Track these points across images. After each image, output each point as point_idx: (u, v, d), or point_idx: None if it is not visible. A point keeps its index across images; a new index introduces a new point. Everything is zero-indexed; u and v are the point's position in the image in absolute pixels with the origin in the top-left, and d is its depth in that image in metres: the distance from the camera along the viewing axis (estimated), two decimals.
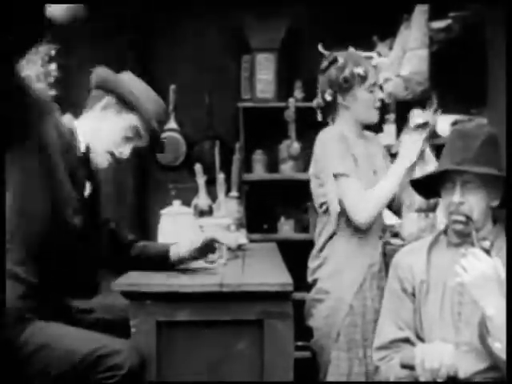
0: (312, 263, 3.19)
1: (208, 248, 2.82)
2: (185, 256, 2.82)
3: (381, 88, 3.22)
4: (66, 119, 2.67)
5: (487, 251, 2.25)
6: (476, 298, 2.22)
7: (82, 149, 2.66)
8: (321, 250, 3.15)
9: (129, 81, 2.73)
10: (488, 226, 2.46)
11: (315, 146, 3.17)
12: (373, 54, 3.66)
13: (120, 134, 2.68)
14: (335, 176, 3.05)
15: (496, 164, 2.41)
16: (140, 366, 2.40)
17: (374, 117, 3.18)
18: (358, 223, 3.05)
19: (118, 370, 2.35)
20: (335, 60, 3.17)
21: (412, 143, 3.07)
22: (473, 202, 2.41)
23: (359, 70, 3.12)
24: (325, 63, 3.20)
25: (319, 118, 3.25)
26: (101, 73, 2.70)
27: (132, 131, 2.68)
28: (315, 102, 3.25)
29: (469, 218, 2.40)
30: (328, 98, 3.17)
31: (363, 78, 3.13)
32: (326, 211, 3.13)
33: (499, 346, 2.19)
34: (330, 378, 3.06)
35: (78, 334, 2.48)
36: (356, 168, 3.08)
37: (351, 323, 3.05)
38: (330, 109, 3.20)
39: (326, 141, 3.12)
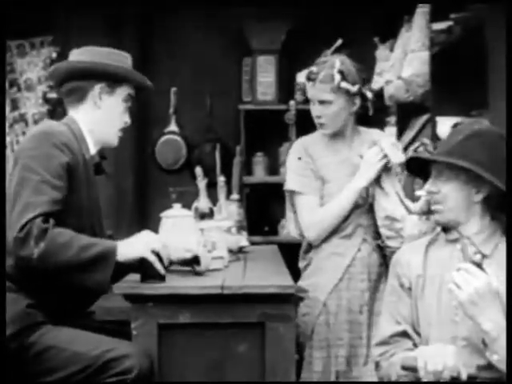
0: (301, 264, 3.23)
1: (192, 262, 2.75)
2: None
3: (322, 103, 3.05)
4: (72, 123, 2.66)
5: (479, 265, 2.25)
6: (472, 315, 2.22)
7: (92, 150, 2.67)
8: (306, 251, 3.20)
9: (106, 55, 2.73)
10: (475, 221, 2.44)
11: None
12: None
13: (122, 108, 2.72)
14: (289, 193, 3.16)
15: (476, 158, 2.38)
16: (148, 369, 2.39)
17: (320, 127, 3.14)
18: (309, 239, 3.13)
19: (127, 375, 2.35)
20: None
21: (371, 163, 3.05)
22: (446, 192, 2.42)
23: (302, 79, 3.14)
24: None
25: None
26: (80, 64, 2.69)
27: (128, 98, 2.73)
28: None
29: (441, 206, 2.42)
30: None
31: (302, 87, 3.15)
32: None
33: (498, 358, 2.19)
34: (303, 376, 3.08)
35: (87, 337, 2.47)
36: (318, 182, 3.11)
37: (324, 322, 3.08)
38: None
39: (288, 156, 3.22)
